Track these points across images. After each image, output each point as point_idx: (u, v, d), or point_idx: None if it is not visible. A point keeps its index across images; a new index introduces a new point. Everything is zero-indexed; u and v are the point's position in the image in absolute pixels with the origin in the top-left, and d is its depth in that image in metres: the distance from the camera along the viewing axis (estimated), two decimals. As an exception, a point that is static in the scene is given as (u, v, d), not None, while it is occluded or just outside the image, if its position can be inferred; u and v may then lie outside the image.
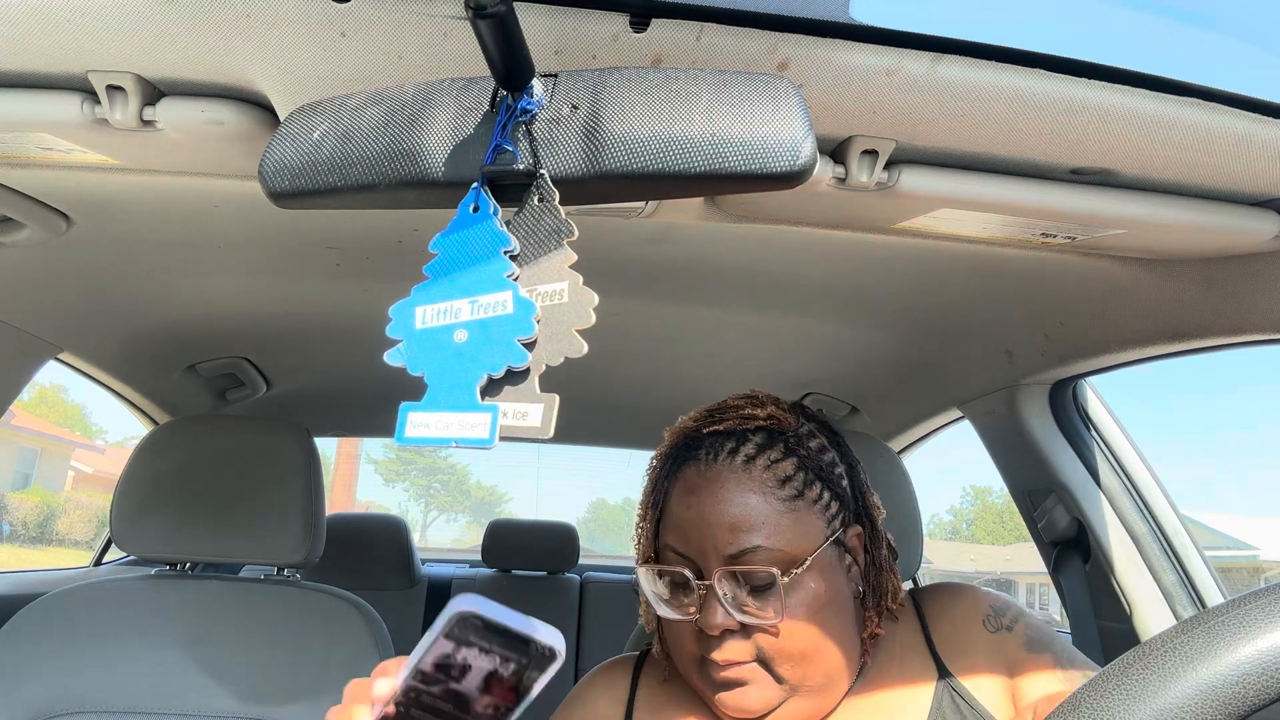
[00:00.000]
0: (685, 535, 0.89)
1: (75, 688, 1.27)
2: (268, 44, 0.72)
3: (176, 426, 1.49)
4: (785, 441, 0.92)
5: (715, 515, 0.87)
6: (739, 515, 0.87)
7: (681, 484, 0.92)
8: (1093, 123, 0.77)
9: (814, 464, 0.92)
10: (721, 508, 0.88)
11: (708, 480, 0.89)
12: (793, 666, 0.87)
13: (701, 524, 0.88)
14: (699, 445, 0.93)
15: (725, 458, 0.90)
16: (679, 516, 0.90)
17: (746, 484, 0.88)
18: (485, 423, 0.57)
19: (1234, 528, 25.14)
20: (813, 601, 0.87)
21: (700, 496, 0.89)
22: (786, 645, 0.86)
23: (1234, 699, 0.40)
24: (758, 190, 0.58)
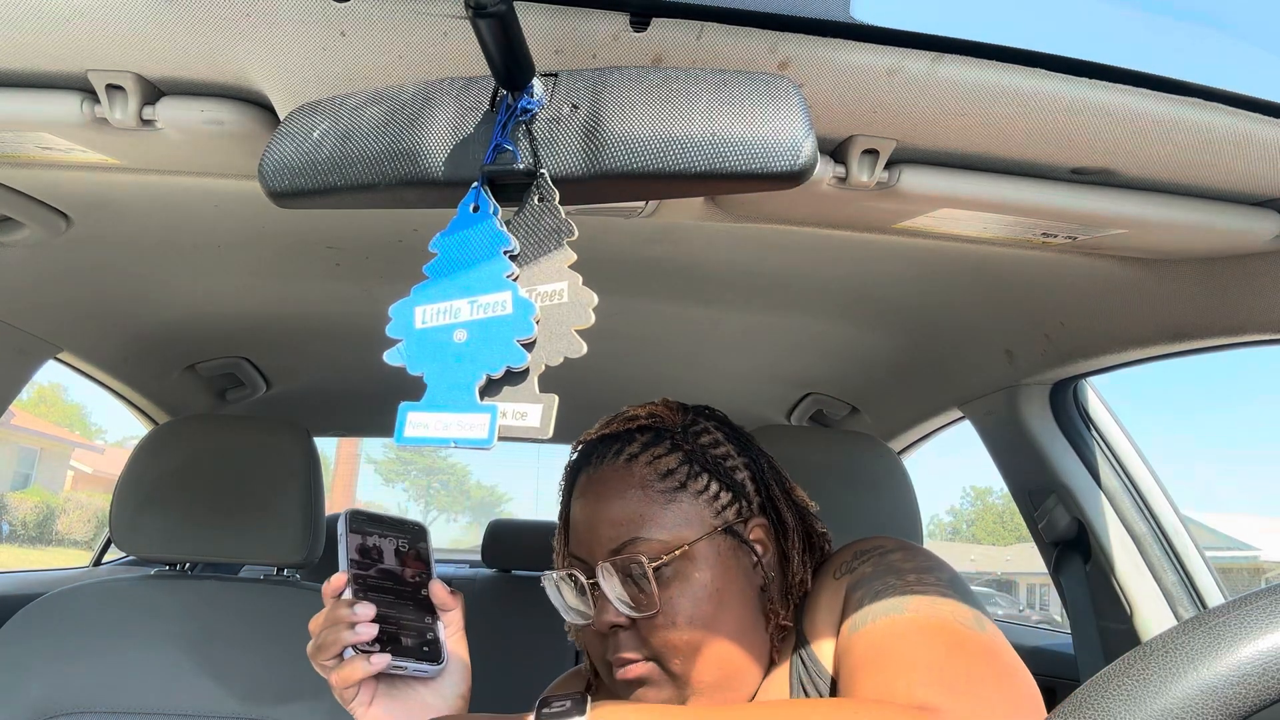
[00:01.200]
0: (579, 538, 0.92)
1: (75, 688, 1.27)
2: (268, 43, 0.72)
3: (176, 426, 1.49)
4: (671, 438, 0.94)
5: (599, 513, 0.90)
6: (618, 510, 0.89)
7: (577, 490, 0.95)
8: (1093, 123, 0.77)
9: (701, 457, 0.93)
10: (604, 504, 0.90)
11: (594, 482, 0.93)
12: (683, 661, 0.86)
13: (589, 524, 0.91)
14: (591, 452, 0.96)
15: (610, 458, 0.93)
16: (574, 521, 0.94)
17: (627, 480, 0.91)
18: (484, 423, 0.57)
19: (1234, 528, 25.14)
20: (698, 591, 0.87)
21: (588, 499, 0.92)
22: (673, 637, 0.86)
23: (1235, 699, 0.40)
24: (758, 190, 0.58)
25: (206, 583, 1.40)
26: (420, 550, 0.91)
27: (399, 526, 0.92)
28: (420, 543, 0.92)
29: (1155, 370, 6.34)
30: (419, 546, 0.91)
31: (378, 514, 0.91)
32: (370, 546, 0.88)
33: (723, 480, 0.93)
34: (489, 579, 3.00)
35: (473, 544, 3.84)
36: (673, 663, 0.86)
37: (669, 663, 0.87)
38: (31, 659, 1.28)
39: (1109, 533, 1.55)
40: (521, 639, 2.87)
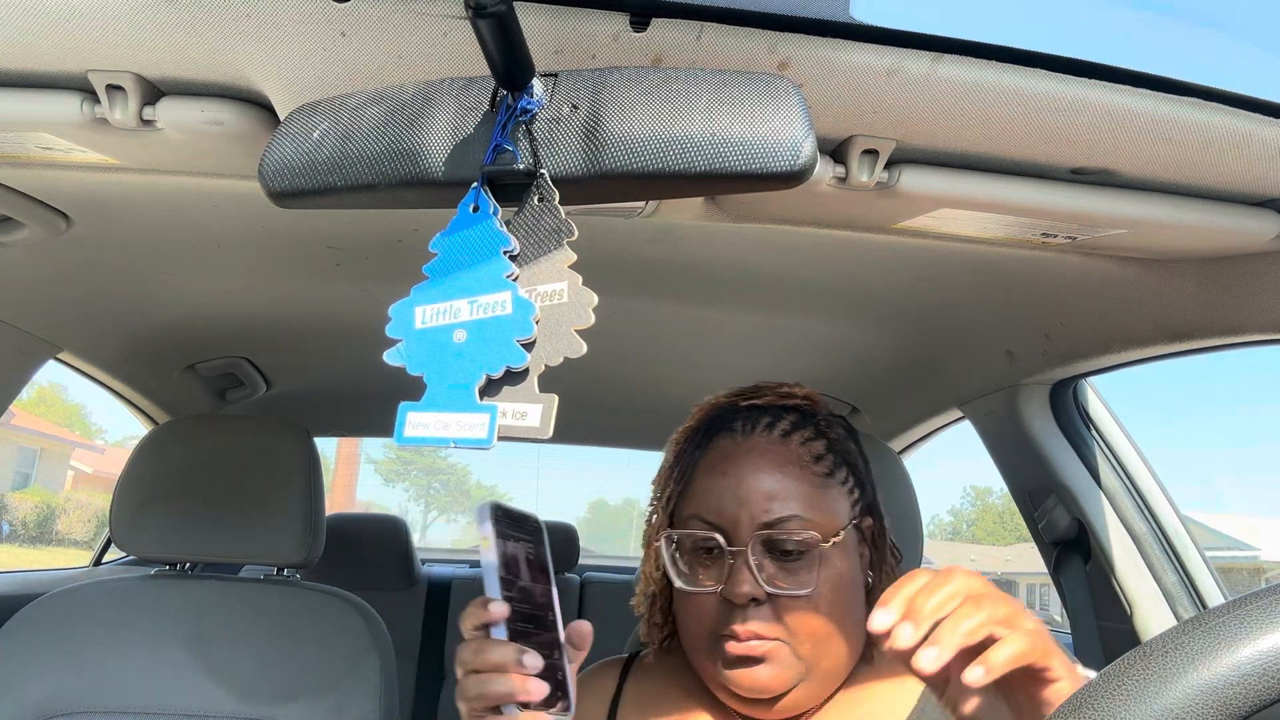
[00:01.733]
0: (718, 504, 0.89)
1: (75, 688, 1.27)
2: (268, 44, 0.72)
3: (176, 426, 1.49)
4: (816, 424, 0.94)
5: (753, 483, 0.88)
6: (776, 485, 0.88)
7: (715, 454, 0.92)
8: (1093, 123, 0.77)
9: (841, 448, 0.94)
10: (760, 475, 0.88)
11: (744, 450, 0.90)
12: (814, 645, 0.86)
13: (738, 491, 0.88)
14: (734, 418, 0.94)
15: (762, 431, 0.92)
16: (711, 485, 0.90)
17: (784, 455, 0.90)
18: (484, 423, 0.57)
19: (1234, 528, 25.14)
20: (838, 579, 0.88)
21: (737, 464, 0.90)
22: (813, 621, 0.86)
23: (1235, 699, 0.40)
24: (758, 190, 0.59)
25: (206, 582, 1.40)
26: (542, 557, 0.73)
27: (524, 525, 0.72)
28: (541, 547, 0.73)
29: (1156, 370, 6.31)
30: (541, 552, 0.73)
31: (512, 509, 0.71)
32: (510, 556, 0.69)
33: (856, 476, 0.94)
34: (489, 579, 2.99)
35: (473, 544, 3.84)
36: (804, 646, 0.86)
37: (800, 645, 0.86)
38: (31, 659, 1.28)
39: (1109, 533, 1.55)
40: (521, 639, 2.87)
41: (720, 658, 0.88)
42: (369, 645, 1.35)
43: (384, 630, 1.39)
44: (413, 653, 2.79)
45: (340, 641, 1.34)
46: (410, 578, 2.90)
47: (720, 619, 0.87)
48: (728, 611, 0.87)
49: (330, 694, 1.30)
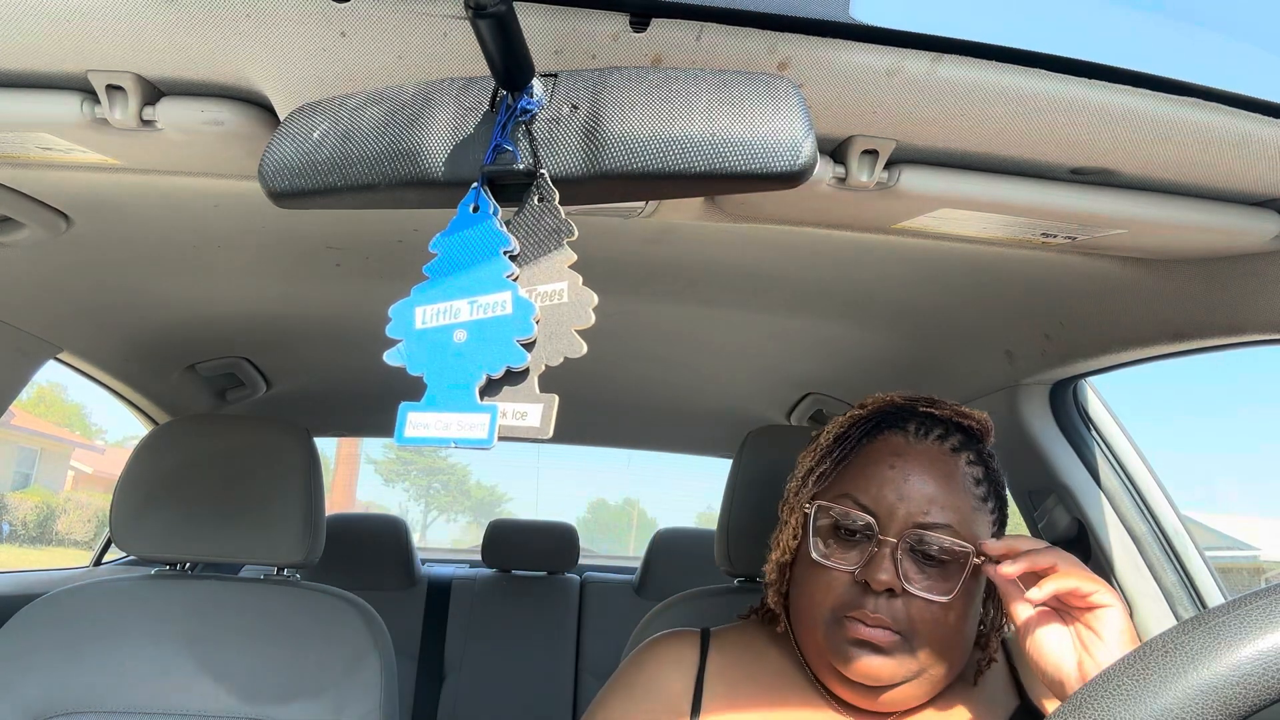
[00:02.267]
0: (878, 491, 0.91)
1: (75, 688, 1.27)
2: (268, 44, 0.72)
3: (176, 426, 1.49)
4: (980, 449, 0.98)
5: (918, 483, 0.91)
6: (939, 492, 0.91)
7: (883, 446, 0.95)
8: (1093, 123, 0.77)
9: (995, 479, 0.98)
10: (926, 478, 0.91)
11: (917, 452, 0.93)
12: (932, 651, 0.88)
13: (901, 486, 0.91)
14: (910, 419, 0.97)
15: (935, 439, 0.95)
16: (874, 474, 0.93)
17: (952, 470, 0.93)
18: (484, 423, 0.57)
19: (1234, 528, 25.13)
20: (969, 597, 0.91)
21: (906, 461, 0.92)
22: (936, 628, 0.88)
23: (1235, 699, 0.40)
24: (758, 190, 0.59)
25: (206, 583, 1.40)
26: None
27: None
28: None
29: (1156, 370, 6.32)
30: None
31: None
32: None
33: (1000, 510, 0.97)
34: (489, 579, 3.00)
35: (473, 544, 3.84)
36: (924, 647, 0.88)
37: (920, 646, 0.88)
38: (31, 659, 1.28)
39: (1109, 533, 1.55)
40: (522, 639, 2.87)
41: (839, 637, 0.89)
42: (369, 645, 1.35)
43: (384, 630, 1.39)
44: (413, 653, 2.79)
45: (340, 641, 1.34)
46: (410, 578, 2.91)
47: (850, 599, 0.89)
48: (859, 594, 0.89)
49: (330, 694, 1.30)
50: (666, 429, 2.65)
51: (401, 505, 43.13)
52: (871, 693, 0.90)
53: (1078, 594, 0.81)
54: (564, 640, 2.89)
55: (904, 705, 0.92)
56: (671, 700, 0.97)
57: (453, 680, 2.78)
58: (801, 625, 0.95)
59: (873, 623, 0.87)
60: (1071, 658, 0.82)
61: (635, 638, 1.27)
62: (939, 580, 0.88)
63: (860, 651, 0.88)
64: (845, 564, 0.90)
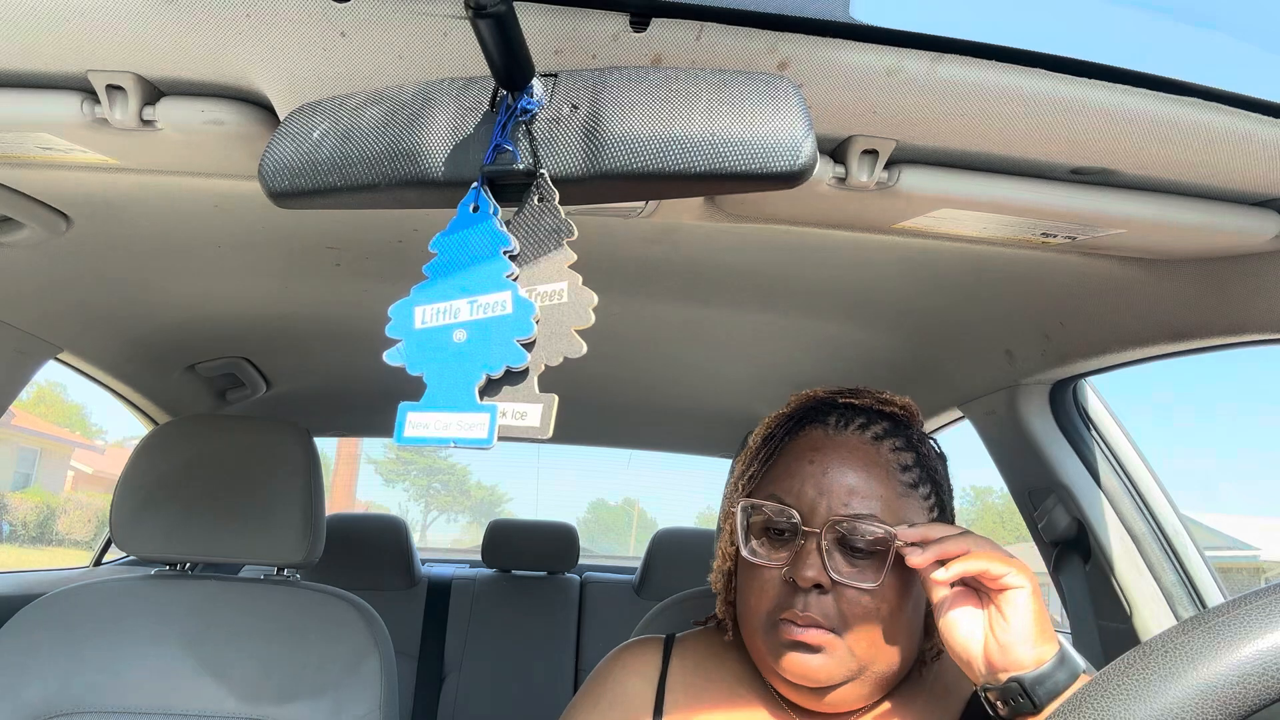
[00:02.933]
0: (800, 487, 0.90)
1: (75, 688, 1.27)
2: (268, 44, 0.72)
3: (176, 426, 1.49)
4: (909, 435, 0.96)
5: (838, 475, 0.90)
6: (860, 483, 0.90)
7: (805, 441, 0.94)
8: (1093, 123, 0.77)
9: (929, 465, 0.95)
10: (845, 470, 0.90)
11: (836, 444, 0.92)
12: (870, 646, 0.87)
13: (821, 479, 0.90)
14: (830, 412, 0.96)
15: (855, 429, 0.94)
16: (796, 470, 0.92)
17: (872, 457, 0.92)
18: (484, 423, 0.57)
19: (1234, 528, 25.11)
20: (903, 586, 0.89)
21: (825, 455, 0.91)
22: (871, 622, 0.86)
23: (1234, 699, 0.40)
24: (758, 190, 0.59)
25: (207, 582, 1.40)
26: None
27: None
28: None
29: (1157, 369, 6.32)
30: None
31: None
32: None
33: (939, 496, 0.95)
34: (489, 579, 3.00)
35: (473, 544, 3.84)
36: (860, 645, 0.87)
37: (856, 643, 0.87)
38: (31, 659, 1.28)
39: (1109, 533, 1.55)
40: (522, 639, 2.87)
41: (774, 639, 0.88)
42: (369, 645, 1.35)
43: (384, 630, 1.39)
44: (413, 653, 2.79)
45: (340, 641, 1.34)
46: (410, 577, 2.91)
47: (781, 600, 0.88)
48: (789, 594, 0.88)
49: (330, 694, 1.30)
50: (666, 429, 2.65)
51: (401, 505, 43.12)
52: (814, 694, 0.89)
53: (988, 575, 0.80)
54: (564, 640, 2.89)
55: (850, 706, 0.91)
56: (633, 708, 0.98)
57: (453, 680, 2.78)
58: (746, 631, 0.94)
59: (803, 622, 0.86)
60: (979, 638, 0.81)
61: (636, 633, 1.27)
62: (869, 571, 0.87)
63: (794, 653, 0.87)
64: (776, 563, 0.89)
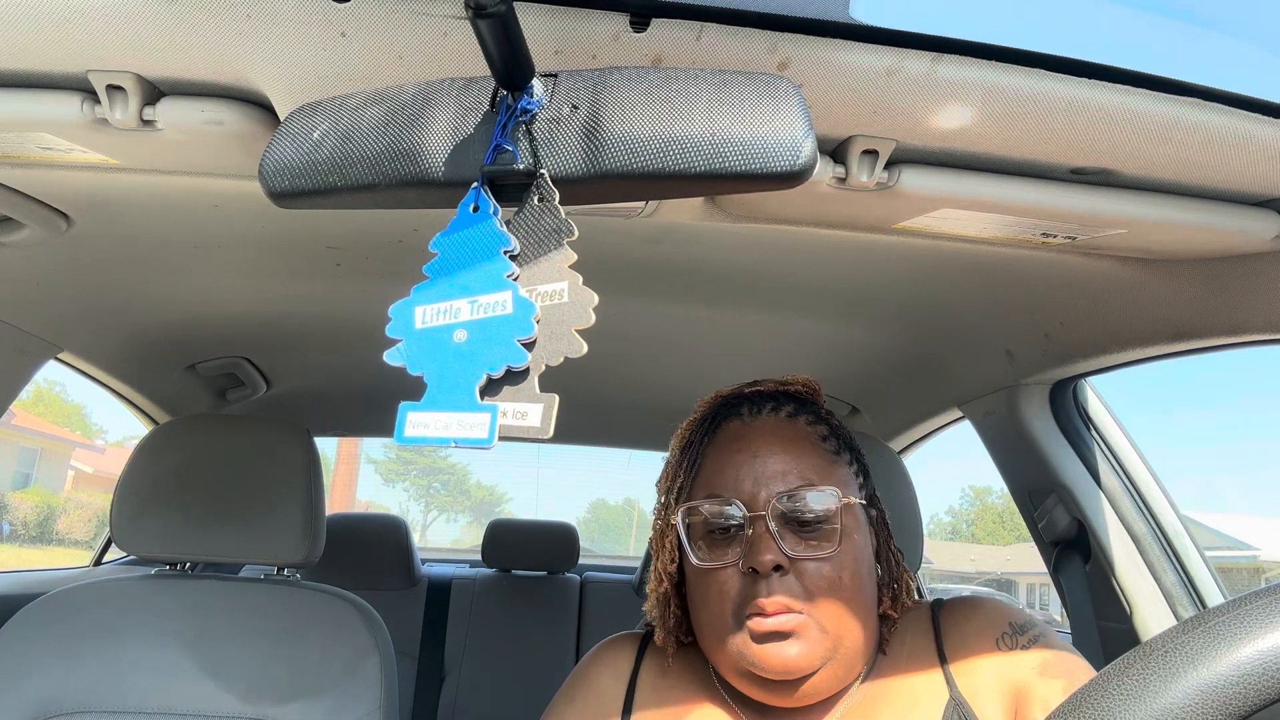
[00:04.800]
0: (734, 479, 0.90)
1: (75, 688, 1.27)
2: (268, 44, 0.72)
3: (176, 426, 1.49)
4: (817, 410, 0.97)
5: (766, 458, 0.90)
6: (790, 459, 0.90)
7: (724, 436, 0.94)
8: (1093, 123, 0.77)
9: (843, 434, 0.97)
10: (772, 451, 0.90)
11: (755, 429, 0.93)
12: (838, 620, 0.86)
13: (753, 465, 0.90)
14: (740, 404, 0.97)
15: (768, 413, 0.95)
16: (724, 464, 0.92)
17: (793, 433, 0.92)
18: (484, 423, 0.57)
19: (1234, 528, 25.13)
20: (858, 552, 0.89)
21: (749, 442, 0.92)
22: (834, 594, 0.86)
23: (1235, 699, 0.40)
24: (758, 190, 0.58)
25: (207, 582, 1.40)
26: None
27: None
28: None
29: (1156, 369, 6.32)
30: None
31: None
32: None
33: (858, 462, 0.97)
34: (489, 579, 3.00)
35: (473, 544, 3.84)
36: (829, 620, 0.86)
37: (825, 619, 0.86)
38: (31, 659, 1.28)
39: (1109, 533, 1.55)
40: (522, 638, 2.87)
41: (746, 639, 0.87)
42: (369, 645, 1.35)
43: (384, 630, 1.39)
44: (413, 653, 2.79)
45: (340, 641, 1.34)
46: (410, 578, 2.91)
47: (744, 594, 0.87)
48: (751, 585, 0.86)
49: (330, 694, 1.30)
50: (667, 429, 2.64)
51: (401, 505, 43.17)
52: (790, 688, 0.88)
53: None
54: (564, 640, 2.89)
55: (825, 692, 0.89)
56: (605, 705, 0.98)
57: (453, 680, 2.78)
58: (707, 643, 0.92)
59: (772, 609, 0.84)
60: None
61: (635, 636, 1.27)
62: (822, 543, 0.87)
63: (769, 645, 0.85)
64: (729, 559, 0.88)
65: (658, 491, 1.01)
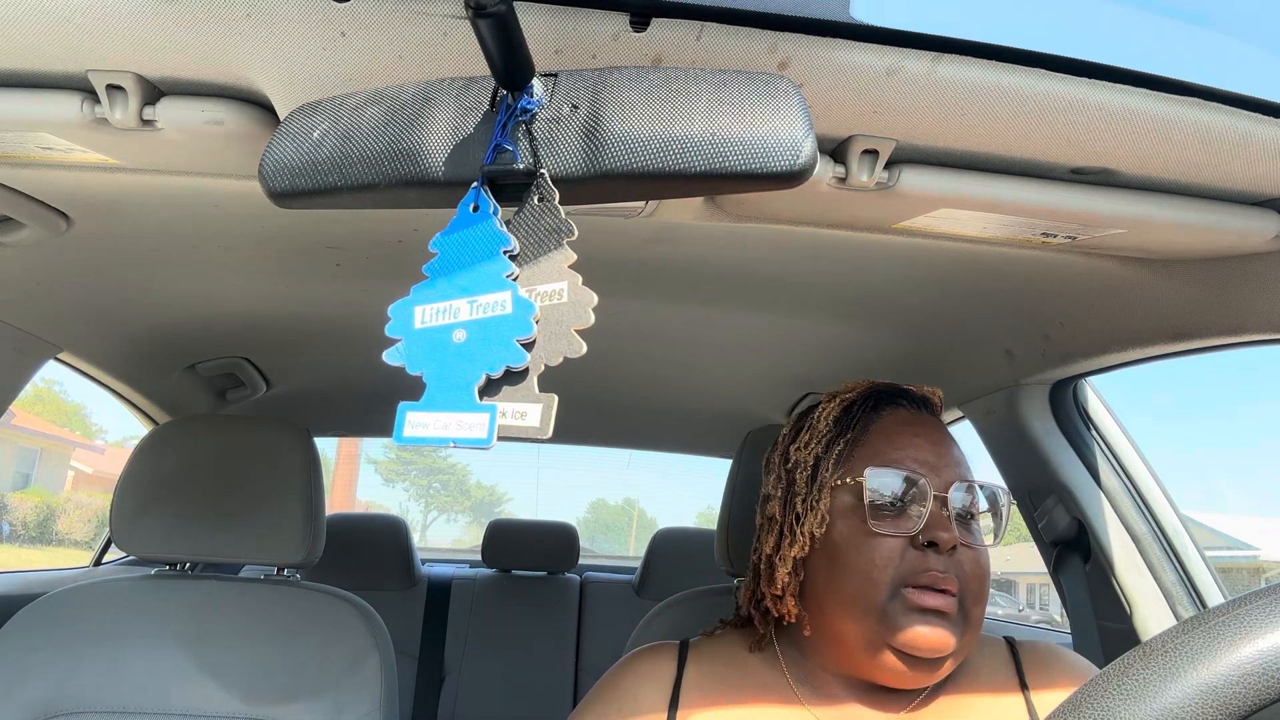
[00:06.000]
0: (916, 455, 0.93)
1: (75, 688, 1.27)
2: (268, 44, 0.72)
3: (176, 426, 1.49)
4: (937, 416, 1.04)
5: (942, 446, 0.95)
6: (958, 454, 0.96)
7: (894, 419, 0.97)
8: (1093, 123, 0.77)
9: None
10: (946, 444, 0.96)
11: (922, 421, 0.98)
12: (977, 607, 0.90)
13: (930, 449, 0.94)
14: (901, 396, 1.01)
15: (927, 411, 1.01)
16: (902, 442, 0.95)
17: (948, 436, 0.98)
18: (484, 423, 0.57)
19: (1234, 528, 25.13)
20: None
21: (923, 429, 0.96)
22: (983, 580, 0.91)
23: (1235, 699, 0.40)
24: (758, 190, 0.58)
25: (207, 582, 1.40)
26: None
27: None
28: None
29: (1156, 369, 6.32)
30: None
31: None
32: None
33: None
34: (489, 579, 3.00)
35: (473, 544, 3.84)
36: (973, 608, 0.90)
37: (970, 605, 0.89)
38: (31, 659, 1.28)
39: (1109, 533, 1.55)
40: (522, 639, 2.87)
41: (899, 610, 0.87)
42: (369, 645, 1.35)
43: (384, 630, 1.39)
44: (413, 653, 2.79)
45: (340, 641, 1.34)
46: (410, 577, 2.91)
47: (914, 565, 0.88)
48: (921, 559, 0.88)
49: (330, 694, 1.30)
50: (666, 429, 2.65)
51: (401, 505, 43.14)
52: (928, 666, 0.88)
53: None
54: (564, 640, 2.89)
55: (938, 677, 0.91)
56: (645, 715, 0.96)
57: (452, 680, 2.78)
58: (843, 616, 0.90)
59: (944, 585, 0.86)
60: None
61: (635, 637, 1.27)
62: (978, 534, 0.92)
63: (923, 623, 0.86)
64: (900, 530, 0.89)
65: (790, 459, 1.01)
